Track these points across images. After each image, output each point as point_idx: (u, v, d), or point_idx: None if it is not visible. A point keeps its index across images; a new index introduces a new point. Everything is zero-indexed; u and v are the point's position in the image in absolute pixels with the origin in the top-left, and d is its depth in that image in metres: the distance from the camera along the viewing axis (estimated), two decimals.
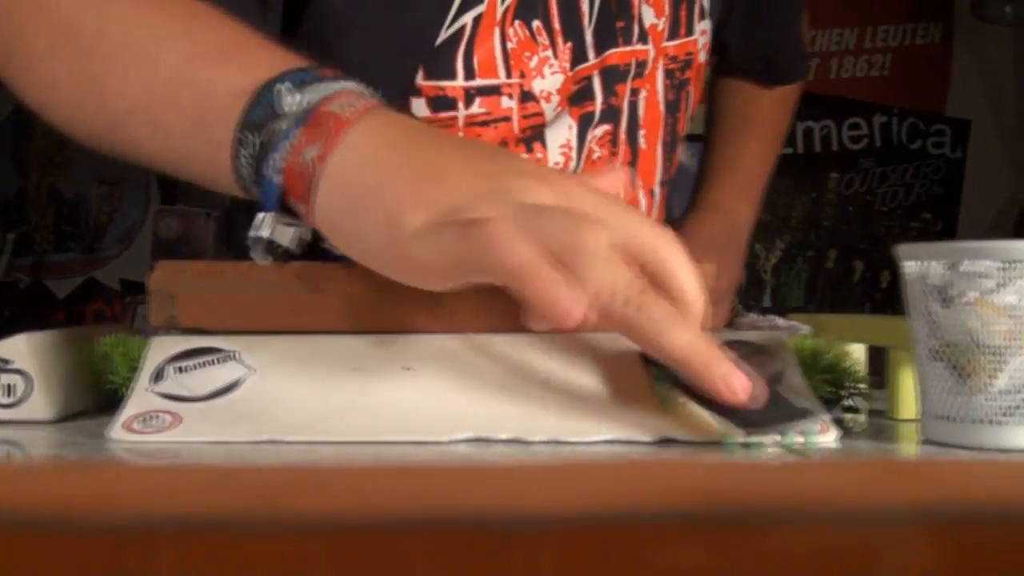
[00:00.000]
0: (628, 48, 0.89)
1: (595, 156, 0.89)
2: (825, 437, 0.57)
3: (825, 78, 2.67)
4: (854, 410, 0.71)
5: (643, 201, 0.94)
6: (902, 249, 0.60)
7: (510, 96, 0.84)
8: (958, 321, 0.59)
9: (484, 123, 0.84)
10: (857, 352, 0.76)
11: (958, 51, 2.70)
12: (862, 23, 2.69)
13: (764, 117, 1.16)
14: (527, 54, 0.85)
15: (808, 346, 0.69)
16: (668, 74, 0.92)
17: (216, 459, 0.54)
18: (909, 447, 0.60)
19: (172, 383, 0.61)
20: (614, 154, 0.90)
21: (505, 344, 0.63)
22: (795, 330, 0.74)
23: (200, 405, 0.60)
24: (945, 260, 0.59)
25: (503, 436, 0.56)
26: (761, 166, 1.17)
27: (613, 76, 0.88)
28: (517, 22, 0.84)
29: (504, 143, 0.85)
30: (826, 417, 0.59)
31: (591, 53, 0.87)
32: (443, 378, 0.61)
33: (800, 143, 2.63)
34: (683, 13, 0.92)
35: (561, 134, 0.87)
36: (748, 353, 0.63)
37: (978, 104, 2.68)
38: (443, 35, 0.81)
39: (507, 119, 0.84)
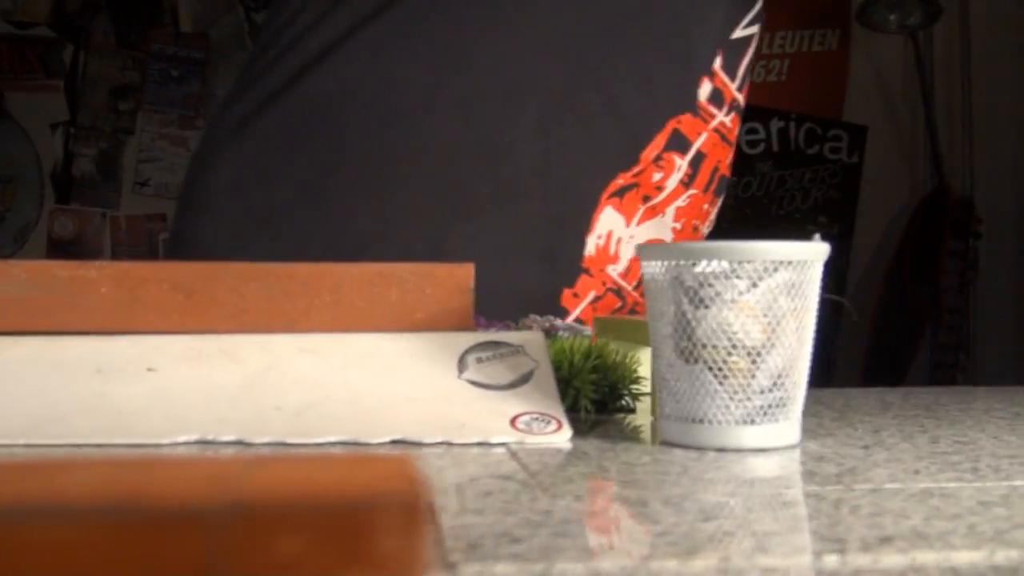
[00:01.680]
0: None
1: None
2: (558, 436, 0.57)
3: None
4: (629, 410, 0.71)
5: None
6: (641, 250, 0.60)
7: (739, 123, 0.86)
8: (714, 322, 0.59)
9: (723, 137, 0.84)
10: (642, 355, 0.76)
11: (855, 57, 2.74)
12: (760, 28, 2.73)
13: None
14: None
15: (580, 348, 0.69)
16: None
17: None
18: (627, 447, 0.60)
19: None
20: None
21: (259, 345, 0.63)
22: (576, 332, 0.74)
23: None
24: (689, 260, 0.59)
25: (227, 438, 0.55)
26: None
27: None
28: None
29: (716, 169, 0.85)
30: (562, 417, 0.58)
31: None
32: (184, 380, 0.60)
33: None
34: None
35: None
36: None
37: (875, 110, 2.72)
38: (739, 32, 0.82)
39: (732, 146, 0.86)
